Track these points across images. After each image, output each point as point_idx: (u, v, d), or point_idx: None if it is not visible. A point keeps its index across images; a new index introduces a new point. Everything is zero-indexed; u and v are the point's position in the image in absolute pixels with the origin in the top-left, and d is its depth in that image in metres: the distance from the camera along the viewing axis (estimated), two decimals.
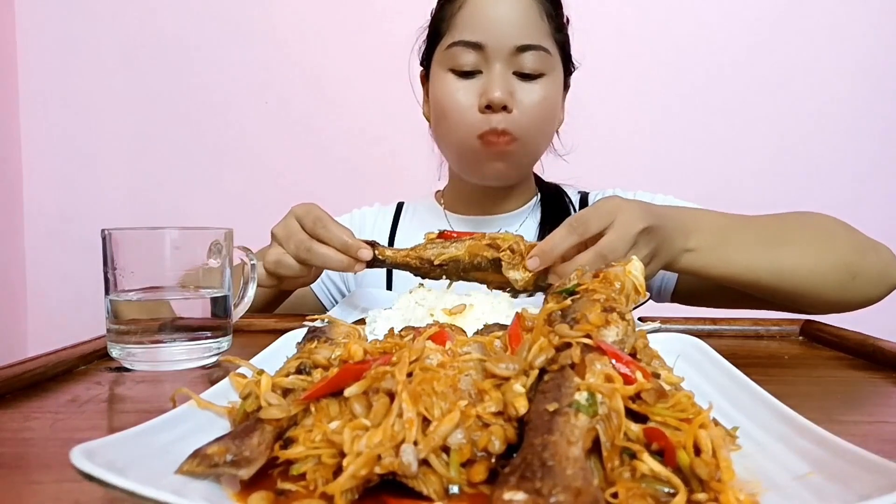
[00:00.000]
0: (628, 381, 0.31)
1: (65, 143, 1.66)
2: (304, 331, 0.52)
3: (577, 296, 0.41)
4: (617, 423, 0.29)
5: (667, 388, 0.32)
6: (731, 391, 0.40)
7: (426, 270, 0.71)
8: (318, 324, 0.56)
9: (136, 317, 0.57)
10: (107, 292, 0.57)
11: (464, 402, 0.31)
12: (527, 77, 0.86)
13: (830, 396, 0.50)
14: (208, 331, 0.59)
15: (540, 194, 1.02)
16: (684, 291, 0.93)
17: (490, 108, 0.84)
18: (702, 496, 0.27)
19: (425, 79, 0.97)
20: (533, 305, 0.50)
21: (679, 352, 0.46)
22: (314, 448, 0.30)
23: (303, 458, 0.30)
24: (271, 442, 0.32)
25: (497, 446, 0.30)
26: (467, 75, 0.86)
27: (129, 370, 0.56)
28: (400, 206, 1.08)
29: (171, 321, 0.58)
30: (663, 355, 0.39)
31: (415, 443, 0.28)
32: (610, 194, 0.83)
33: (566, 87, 0.96)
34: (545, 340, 0.35)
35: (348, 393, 0.32)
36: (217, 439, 0.31)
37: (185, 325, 0.58)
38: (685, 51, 1.61)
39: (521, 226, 0.98)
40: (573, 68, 0.96)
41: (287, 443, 0.32)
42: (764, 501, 0.27)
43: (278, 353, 0.48)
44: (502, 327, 0.50)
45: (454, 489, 0.28)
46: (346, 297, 0.92)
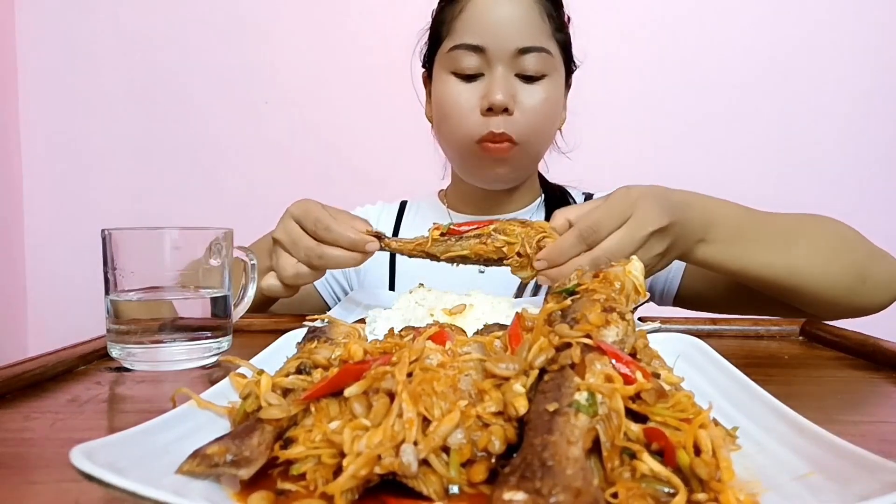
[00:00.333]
0: (628, 381, 0.31)
1: (65, 143, 1.66)
2: (304, 331, 0.52)
3: (577, 296, 0.41)
4: (617, 423, 0.29)
5: (667, 388, 0.32)
6: (731, 391, 0.40)
7: (431, 260, 0.73)
8: (318, 324, 0.56)
9: (137, 317, 0.57)
10: (107, 292, 0.57)
11: (464, 402, 0.31)
12: (528, 79, 0.86)
13: (830, 396, 0.50)
14: (208, 331, 0.59)
15: (544, 195, 1.02)
16: (687, 295, 0.93)
17: (492, 110, 0.84)
18: (702, 496, 0.27)
19: (428, 80, 0.97)
20: (533, 305, 0.51)
21: (679, 352, 0.46)
22: (314, 448, 0.30)
23: (303, 458, 0.30)
24: (271, 442, 0.32)
25: (497, 446, 0.30)
26: (469, 78, 0.86)
27: (129, 370, 0.56)
28: (403, 205, 1.09)
29: (171, 321, 0.58)
30: (663, 355, 0.39)
31: (415, 443, 0.28)
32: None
33: (568, 86, 0.96)
34: (545, 340, 0.35)
35: (348, 393, 0.32)
36: (217, 439, 0.31)
37: (185, 325, 0.58)
38: (690, 48, 1.61)
39: None
40: (575, 67, 0.96)
41: (287, 443, 0.32)
42: (764, 501, 0.27)
43: (278, 353, 0.48)
44: (502, 327, 0.50)
45: (454, 489, 0.28)
46: (347, 296, 0.92)
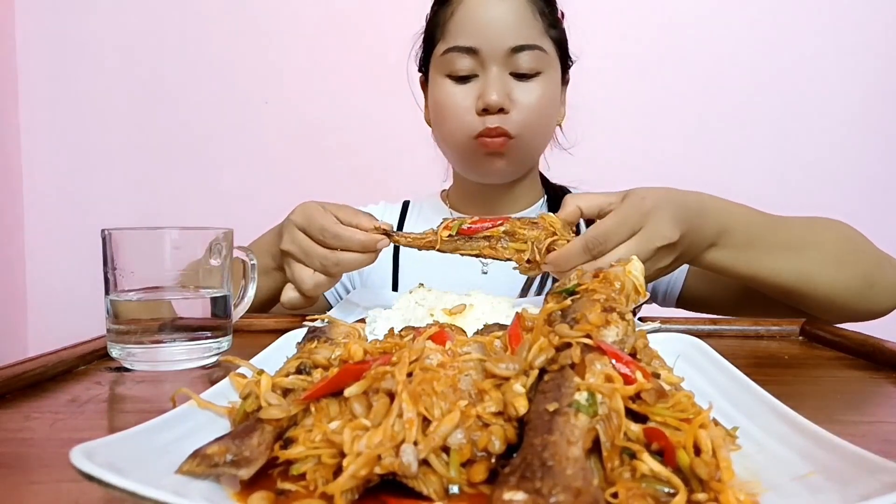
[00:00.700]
0: (628, 381, 0.31)
1: (65, 142, 1.66)
2: (304, 331, 0.52)
3: (577, 296, 0.41)
4: (617, 423, 0.29)
5: (667, 388, 0.32)
6: (731, 391, 0.40)
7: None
8: (318, 324, 0.56)
9: (137, 317, 0.57)
10: (107, 292, 0.57)
11: (464, 402, 0.31)
12: (523, 77, 0.86)
13: (830, 396, 0.50)
14: (208, 331, 0.59)
15: (546, 196, 1.03)
16: (690, 297, 0.93)
17: (487, 111, 0.84)
18: (702, 496, 0.27)
19: (424, 84, 0.98)
20: (533, 305, 0.51)
21: (679, 352, 0.46)
22: (314, 448, 0.30)
23: (303, 458, 0.30)
24: (271, 442, 0.32)
25: (497, 446, 0.30)
26: (464, 80, 0.87)
27: (129, 370, 0.56)
28: (406, 205, 1.09)
29: (171, 321, 0.58)
30: (663, 355, 0.39)
31: (415, 443, 0.28)
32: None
33: (565, 82, 0.96)
34: (545, 340, 0.35)
35: (348, 393, 0.32)
36: (217, 439, 0.31)
37: (185, 325, 0.58)
38: (692, 46, 1.61)
39: None
40: (571, 62, 0.96)
41: (287, 443, 0.32)
42: (764, 501, 0.27)
43: (278, 353, 0.48)
44: (502, 327, 0.50)
45: (454, 489, 0.28)
46: (347, 296, 0.92)
